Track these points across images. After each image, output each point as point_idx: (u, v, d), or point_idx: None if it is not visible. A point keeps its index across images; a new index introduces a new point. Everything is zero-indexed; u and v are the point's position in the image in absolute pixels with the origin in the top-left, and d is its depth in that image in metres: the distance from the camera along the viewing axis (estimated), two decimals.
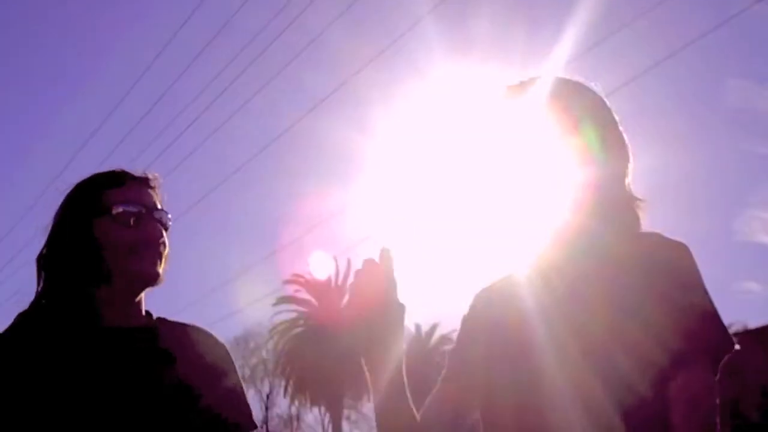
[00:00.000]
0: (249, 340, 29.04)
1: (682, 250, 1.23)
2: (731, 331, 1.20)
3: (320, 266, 29.03)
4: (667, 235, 1.25)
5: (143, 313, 1.61)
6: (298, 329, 28.98)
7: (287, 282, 28.86)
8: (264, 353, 30.06)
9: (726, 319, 1.20)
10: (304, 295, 29.35)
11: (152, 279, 1.55)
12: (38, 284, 1.55)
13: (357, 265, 1.35)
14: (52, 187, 1.62)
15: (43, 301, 1.53)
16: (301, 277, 29.16)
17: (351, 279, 1.37)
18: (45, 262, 1.55)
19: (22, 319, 1.52)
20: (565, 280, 1.28)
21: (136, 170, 1.63)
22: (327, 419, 28.72)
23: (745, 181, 35.74)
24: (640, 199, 1.33)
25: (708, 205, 40.20)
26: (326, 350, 26.08)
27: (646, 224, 1.31)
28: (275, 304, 28.75)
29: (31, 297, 1.55)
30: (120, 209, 1.53)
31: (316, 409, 29.44)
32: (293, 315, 29.35)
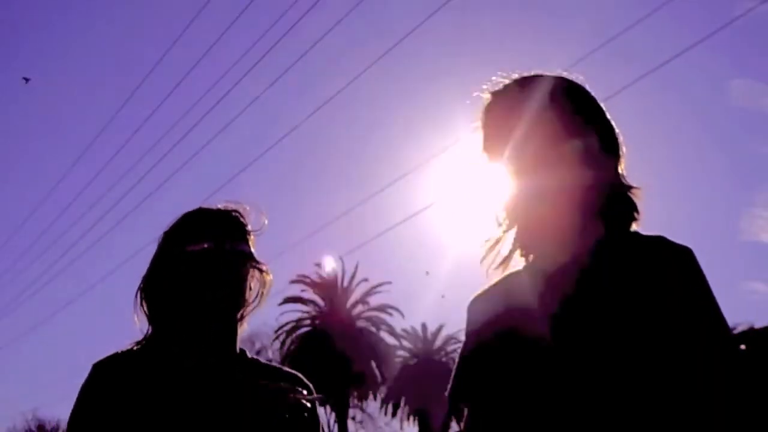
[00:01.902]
0: (254, 341, 29.05)
1: (687, 254, 1.22)
2: (736, 331, 1.19)
3: (327, 266, 29.10)
4: (673, 233, 1.23)
5: (236, 351, 1.64)
6: (304, 329, 28.99)
7: (293, 282, 28.91)
8: (269, 354, 30.04)
9: (732, 320, 1.19)
10: (310, 295, 29.39)
11: (225, 316, 1.59)
12: (147, 322, 1.62)
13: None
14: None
15: (147, 336, 1.60)
16: (307, 277, 29.20)
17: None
18: (142, 301, 1.62)
19: (130, 349, 1.59)
20: (569, 284, 1.25)
21: (214, 205, 1.67)
22: (332, 419, 28.72)
23: (751, 181, 35.59)
24: (635, 187, 1.31)
25: (713, 204, 40.10)
26: (332, 350, 26.07)
27: (646, 212, 1.30)
28: (281, 304, 28.80)
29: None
30: (191, 249, 1.58)
31: (321, 409, 29.34)
32: (299, 315, 29.38)
